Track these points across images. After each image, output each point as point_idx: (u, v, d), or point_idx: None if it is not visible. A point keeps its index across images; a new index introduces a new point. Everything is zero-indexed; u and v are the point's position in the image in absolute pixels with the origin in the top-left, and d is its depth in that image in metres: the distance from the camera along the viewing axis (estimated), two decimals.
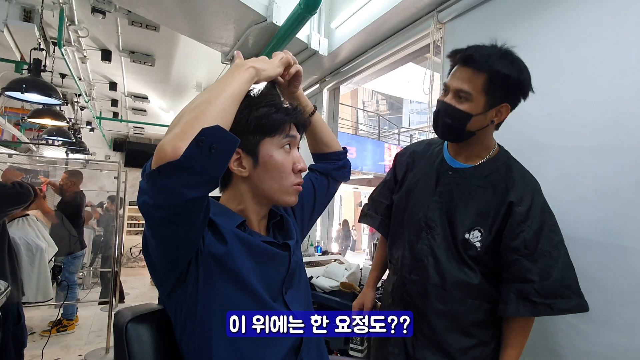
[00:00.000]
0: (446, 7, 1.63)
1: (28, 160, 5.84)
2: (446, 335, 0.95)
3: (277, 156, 0.71)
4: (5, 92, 2.30)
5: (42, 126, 4.65)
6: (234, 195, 0.75)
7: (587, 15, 1.15)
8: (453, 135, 0.97)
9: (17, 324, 2.07)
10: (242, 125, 0.68)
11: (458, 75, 0.91)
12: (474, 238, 0.92)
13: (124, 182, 3.41)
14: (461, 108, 0.90)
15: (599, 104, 1.10)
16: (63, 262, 3.37)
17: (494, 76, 0.86)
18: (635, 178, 1.00)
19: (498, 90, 0.88)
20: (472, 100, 0.89)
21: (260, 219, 0.77)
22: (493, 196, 0.93)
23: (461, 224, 0.94)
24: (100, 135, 7.65)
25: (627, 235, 1.01)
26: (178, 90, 4.70)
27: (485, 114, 0.90)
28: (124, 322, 0.73)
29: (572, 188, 1.14)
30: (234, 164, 0.71)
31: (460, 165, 1.00)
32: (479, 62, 0.87)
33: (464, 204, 0.95)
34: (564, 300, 0.87)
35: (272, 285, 0.70)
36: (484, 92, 0.88)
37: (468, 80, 0.88)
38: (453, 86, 0.91)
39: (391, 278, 1.11)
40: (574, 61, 1.17)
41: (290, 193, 0.74)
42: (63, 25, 2.51)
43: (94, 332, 3.59)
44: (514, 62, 0.88)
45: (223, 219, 0.69)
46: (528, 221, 0.89)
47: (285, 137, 0.72)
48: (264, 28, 2.03)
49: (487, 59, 0.86)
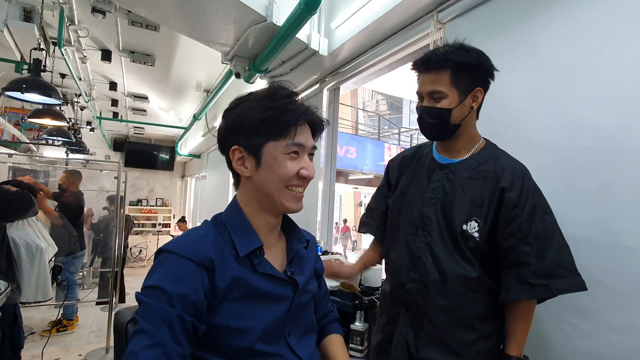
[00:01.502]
0: (446, 7, 1.63)
1: (28, 160, 5.85)
2: (449, 331, 0.95)
3: (281, 160, 0.68)
4: (5, 92, 2.30)
5: (42, 126, 4.65)
6: (243, 194, 0.74)
7: (587, 15, 1.15)
8: (440, 132, 1.00)
9: (13, 325, 2.06)
10: (246, 125, 0.68)
11: (425, 80, 0.97)
12: (471, 229, 0.94)
13: (124, 182, 3.41)
14: (439, 106, 0.95)
15: (599, 104, 1.10)
16: (63, 262, 3.37)
17: (456, 68, 0.93)
18: (636, 178, 1.00)
19: (464, 79, 0.95)
20: (446, 96, 0.95)
21: (270, 229, 0.74)
22: (484, 186, 0.95)
23: (458, 217, 0.96)
24: (100, 135, 7.65)
25: (627, 235, 1.01)
26: (178, 90, 4.70)
27: (463, 104, 0.96)
28: (124, 322, 0.73)
29: (572, 188, 1.14)
30: (237, 163, 0.70)
31: (449, 160, 1.03)
32: (439, 62, 0.94)
33: (457, 197, 0.97)
34: (561, 280, 0.89)
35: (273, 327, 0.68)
36: (454, 85, 0.94)
37: (436, 81, 0.95)
38: (425, 91, 0.97)
39: (389, 280, 1.11)
40: (574, 61, 1.17)
41: (288, 198, 0.71)
42: (63, 25, 2.51)
43: (94, 332, 3.59)
44: (469, 51, 0.95)
45: (238, 238, 0.68)
46: (520, 205, 0.92)
47: (292, 144, 0.68)
48: (264, 28, 2.03)
49: (445, 56, 0.93)
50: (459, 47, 0.95)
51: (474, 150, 1.01)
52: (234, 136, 0.70)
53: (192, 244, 0.65)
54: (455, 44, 0.96)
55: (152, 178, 9.26)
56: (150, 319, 0.58)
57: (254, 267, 0.68)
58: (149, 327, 0.57)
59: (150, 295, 0.60)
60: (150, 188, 9.24)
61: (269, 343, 0.67)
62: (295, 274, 0.74)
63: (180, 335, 0.58)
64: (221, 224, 0.71)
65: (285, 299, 0.71)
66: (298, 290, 0.72)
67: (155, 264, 0.65)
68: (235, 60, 2.48)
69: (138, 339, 0.57)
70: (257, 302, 0.67)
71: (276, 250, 0.76)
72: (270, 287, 0.69)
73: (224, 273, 0.65)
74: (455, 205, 0.97)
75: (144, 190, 9.15)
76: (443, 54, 0.94)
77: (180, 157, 8.36)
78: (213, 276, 0.63)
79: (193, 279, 0.61)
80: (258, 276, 0.68)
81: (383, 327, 1.07)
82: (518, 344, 0.93)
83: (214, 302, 0.63)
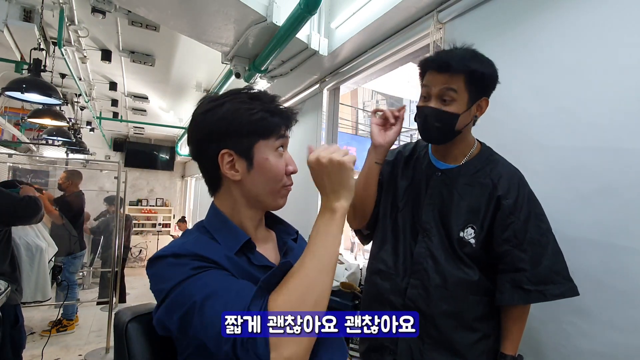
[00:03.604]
0: (446, 7, 1.63)
1: (28, 160, 5.85)
2: (453, 334, 0.96)
3: (272, 159, 0.69)
4: (5, 92, 2.30)
5: (42, 126, 4.65)
6: (225, 199, 0.72)
7: (588, 15, 1.15)
8: (442, 137, 1.00)
9: (14, 326, 2.06)
10: (235, 127, 0.67)
11: (437, 80, 0.95)
12: (468, 235, 0.95)
13: (124, 182, 3.41)
14: (448, 110, 0.94)
15: (599, 103, 1.09)
16: (63, 262, 3.37)
17: (472, 75, 0.93)
18: (635, 178, 1.00)
19: (477, 87, 0.94)
20: (456, 100, 0.94)
21: (256, 225, 0.75)
22: (481, 193, 0.97)
23: (455, 224, 0.97)
24: (100, 135, 7.65)
25: (627, 235, 1.01)
26: (178, 90, 4.70)
27: (469, 111, 0.96)
28: (124, 322, 0.73)
29: (572, 188, 1.14)
30: (227, 167, 0.68)
31: (446, 166, 1.03)
32: (456, 66, 0.92)
33: (455, 204, 0.98)
34: (555, 286, 0.92)
35: None
36: (466, 91, 0.94)
37: (449, 82, 0.93)
38: (435, 91, 0.95)
39: (376, 282, 1.07)
40: (575, 61, 1.17)
41: (282, 196, 0.72)
42: (63, 25, 2.51)
43: (94, 332, 3.60)
44: (484, 61, 0.95)
45: (223, 237, 0.68)
46: (516, 212, 0.93)
47: (278, 139, 0.70)
48: (264, 28, 2.03)
49: (462, 60, 0.92)
50: (475, 54, 0.95)
51: (470, 155, 1.02)
52: (220, 140, 0.68)
53: (182, 244, 0.64)
54: (469, 50, 0.96)
55: (152, 178, 9.26)
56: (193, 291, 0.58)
57: (250, 262, 0.68)
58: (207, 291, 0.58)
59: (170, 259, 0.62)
60: (150, 188, 9.24)
61: None
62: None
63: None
64: (204, 230, 0.71)
65: None
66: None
67: (152, 272, 0.64)
68: (235, 60, 2.48)
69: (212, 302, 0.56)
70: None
71: (267, 246, 0.76)
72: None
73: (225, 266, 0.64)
74: (452, 211, 0.98)
75: (144, 191, 9.15)
76: (461, 59, 0.93)
77: (180, 157, 8.35)
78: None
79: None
80: (255, 269, 0.68)
81: None
82: (513, 343, 0.96)
83: None
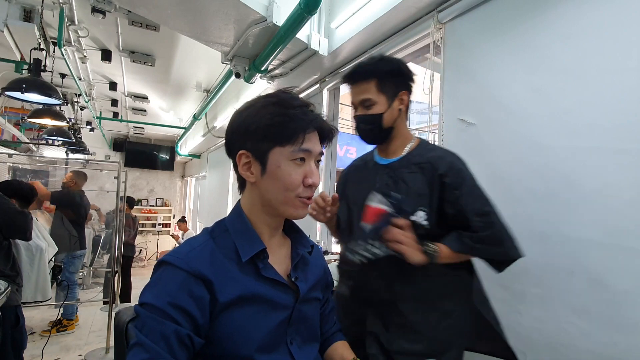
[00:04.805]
0: (446, 7, 1.63)
1: (28, 160, 5.85)
2: (416, 316, 1.00)
3: (285, 167, 0.67)
4: (5, 92, 2.30)
5: (42, 126, 4.66)
6: (247, 198, 0.73)
7: (588, 16, 1.15)
8: (376, 136, 1.09)
9: (15, 327, 2.06)
10: (253, 129, 0.66)
11: (355, 91, 1.07)
12: (419, 218, 0.99)
13: (124, 182, 3.41)
14: (371, 112, 1.05)
15: (599, 104, 1.10)
16: (63, 262, 3.37)
17: (381, 77, 1.04)
18: (636, 178, 1.00)
19: (389, 85, 1.04)
20: (375, 103, 1.04)
21: (271, 232, 0.73)
22: (424, 177, 1.02)
23: (405, 210, 1.00)
24: (100, 135, 7.65)
25: (627, 235, 1.02)
26: (178, 90, 4.70)
27: (392, 107, 1.06)
28: (124, 322, 0.73)
29: (572, 188, 1.14)
30: (243, 168, 0.69)
31: (388, 160, 1.10)
32: (364, 73, 1.04)
33: (402, 192, 1.02)
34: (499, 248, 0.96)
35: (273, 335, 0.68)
36: (381, 92, 1.04)
37: (365, 91, 1.05)
38: (356, 101, 1.07)
39: (345, 282, 1.13)
40: (575, 61, 1.17)
41: (296, 206, 0.69)
42: (63, 25, 2.51)
43: (94, 332, 3.59)
44: (390, 60, 1.06)
45: (242, 243, 0.68)
46: (459, 187, 0.99)
47: (298, 150, 0.66)
48: (264, 28, 2.03)
49: (369, 67, 1.04)
50: (381, 58, 1.06)
51: (409, 148, 1.09)
52: (240, 140, 0.69)
53: (186, 255, 0.64)
54: (377, 56, 1.07)
55: (152, 178, 9.27)
56: (147, 332, 0.58)
57: (259, 271, 0.67)
58: (145, 340, 0.57)
59: (148, 309, 0.60)
60: (150, 188, 9.24)
61: (269, 352, 0.66)
62: (299, 279, 0.73)
63: (177, 350, 0.58)
64: (224, 229, 0.71)
65: (286, 306, 0.70)
66: (299, 298, 0.71)
67: (153, 277, 0.64)
68: (235, 60, 2.48)
69: (136, 352, 0.57)
70: (258, 310, 0.66)
71: (281, 255, 0.75)
72: (273, 293, 0.68)
73: (226, 286, 0.64)
74: (402, 199, 1.02)
75: (144, 190, 9.16)
76: (366, 65, 1.05)
77: (180, 157, 8.36)
78: (212, 289, 0.63)
79: (189, 291, 0.61)
80: (262, 282, 0.67)
81: (348, 329, 1.04)
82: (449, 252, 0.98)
83: (212, 313, 0.63)
